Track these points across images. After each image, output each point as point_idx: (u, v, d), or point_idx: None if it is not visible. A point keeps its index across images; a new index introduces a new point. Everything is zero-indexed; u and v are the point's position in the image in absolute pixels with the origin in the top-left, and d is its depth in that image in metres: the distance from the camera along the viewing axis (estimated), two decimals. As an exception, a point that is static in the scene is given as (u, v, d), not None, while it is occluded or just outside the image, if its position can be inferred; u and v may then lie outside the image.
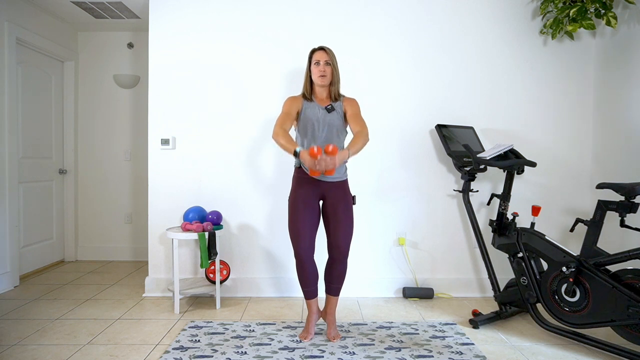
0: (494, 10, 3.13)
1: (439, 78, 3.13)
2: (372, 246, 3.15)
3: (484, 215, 3.16)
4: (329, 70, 2.29)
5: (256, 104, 3.10)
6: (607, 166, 3.00)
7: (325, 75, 2.28)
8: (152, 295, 3.11)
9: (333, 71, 2.31)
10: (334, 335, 2.34)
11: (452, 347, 2.25)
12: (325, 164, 2.02)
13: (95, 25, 4.02)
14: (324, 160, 2.02)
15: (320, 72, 2.28)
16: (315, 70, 2.30)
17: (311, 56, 2.34)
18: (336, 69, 2.32)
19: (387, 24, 3.11)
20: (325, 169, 2.05)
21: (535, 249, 2.43)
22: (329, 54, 2.30)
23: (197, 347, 2.22)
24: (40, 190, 3.79)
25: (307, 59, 2.37)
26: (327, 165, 2.04)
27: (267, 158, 3.11)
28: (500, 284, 2.96)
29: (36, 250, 3.73)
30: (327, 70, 2.29)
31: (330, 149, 2.03)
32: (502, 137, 3.14)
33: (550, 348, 2.27)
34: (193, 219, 2.89)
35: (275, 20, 3.10)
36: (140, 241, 4.24)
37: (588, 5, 2.74)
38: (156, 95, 3.11)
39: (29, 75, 3.62)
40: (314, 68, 2.30)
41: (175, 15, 3.09)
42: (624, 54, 2.87)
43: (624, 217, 2.15)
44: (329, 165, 2.04)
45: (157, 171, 3.11)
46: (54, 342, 2.29)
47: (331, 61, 2.29)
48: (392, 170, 3.13)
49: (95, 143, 4.23)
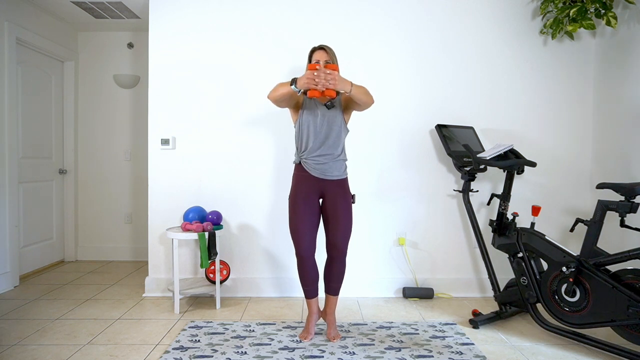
0: (494, 10, 3.13)
1: (439, 78, 3.13)
2: (372, 246, 3.15)
3: (484, 215, 3.16)
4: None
5: (256, 103, 3.10)
6: (607, 166, 3.00)
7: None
8: (152, 295, 3.11)
9: None
10: (334, 335, 2.34)
11: (452, 347, 2.25)
12: (325, 76, 2.01)
13: (95, 25, 4.02)
14: (322, 71, 2.01)
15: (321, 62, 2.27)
16: None
17: (311, 55, 2.33)
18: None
19: (387, 24, 3.11)
20: (325, 83, 2.02)
21: (535, 249, 2.42)
22: (328, 53, 2.29)
23: (197, 347, 2.22)
24: (40, 190, 3.79)
25: (307, 59, 2.37)
26: (326, 78, 2.01)
27: (267, 158, 3.11)
28: (500, 284, 2.96)
29: (36, 250, 3.73)
30: None
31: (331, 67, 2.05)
32: (502, 137, 3.14)
33: (550, 348, 2.27)
34: (193, 219, 2.89)
35: (275, 20, 3.10)
36: (140, 241, 4.24)
37: (588, 5, 2.74)
38: (156, 95, 3.11)
39: (29, 75, 3.62)
40: None
41: (175, 15, 3.09)
42: (624, 54, 2.87)
43: (624, 217, 2.15)
44: (328, 78, 2.01)
45: (157, 171, 3.11)
46: (54, 342, 2.29)
47: (331, 60, 2.28)
48: (392, 170, 3.13)
49: (95, 143, 4.23)
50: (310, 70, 2.09)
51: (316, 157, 2.27)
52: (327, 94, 2.08)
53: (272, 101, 2.25)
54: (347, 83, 2.11)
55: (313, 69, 2.08)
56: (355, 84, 2.15)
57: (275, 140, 3.10)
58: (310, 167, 2.28)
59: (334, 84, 2.05)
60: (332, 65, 2.13)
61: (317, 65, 2.09)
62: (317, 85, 2.05)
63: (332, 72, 2.05)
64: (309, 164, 2.29)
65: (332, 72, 2.05)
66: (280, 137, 3.09)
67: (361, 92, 2.17)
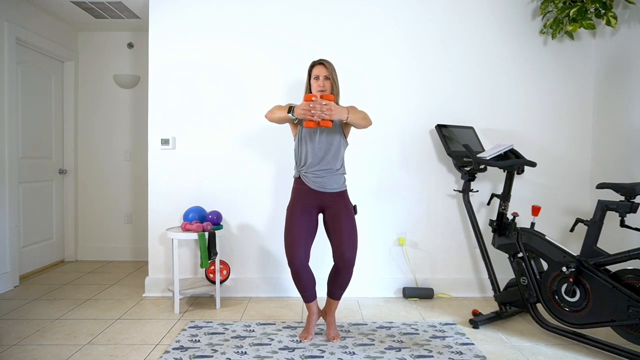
0: (494, 10, 3.13)
1: (439, 78, 3.13)
2: (372, 246, 3.14)
3: (484, 215, 3.16)
4: (329, 85, 2.28)
5: (256, 103, 3.10)
6: (607, 166, 3.00)
7: (324, 90, 2.27)
8: (152, 295, 3.11)
9: (332, 85, 2.29)
10: (334, 336, 2.34)
11: (452, 347, 2.25)
12: (321, 107, 2.03)
13: (95, 25, 4.02)
14: (318, 102, 2.03)
15: (320, 87, 2.27)
16: (315, 85, 2.29)
17: (310, 70, 2.33)
18: (336, 83, 2.31)
19: (388, 24, 3.11)
20: (320, 114, 2.04)
21: (535, 249, 2.42)
22: (328, 68, 2.28)
23: (197, 347, 2.22)
24: (40, 190, 3.79)
25: (308, 63, 2.37)
26: (322, 109, 2.03)
27: (268, 158, 3.11)
28: (500, 284, 2.96)
29: (36, 250, 3.73)
30: (326, 85, 2.27)
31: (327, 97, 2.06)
32: (502, 137, 3.14)
33: (550, 348, 2.27)
34: (193, 219, 2.89)
35: (275, 19, 3.10)
36: (140, 241, 4.24)
37: (588, 5, 2.74)
38: (156, 95, 3.11)
39: (29, 75, 3.62)
40: (314, 83, 2.30)
41: (175, 15, 3.09)
42: (624, 54, 2.86)
43: (624, 217, 2.14)
44: (324, 109, 2.03)
45: (157, 171, 3.11)
46: (54, 342, 2.29)
47: (330, 75, 2.28)
48: (392, 170, 3.13)
49: (95, 143, 4.23)
50: (306, 101, 2.10)
51: (315, 172, 2.28)
52: (323, 124, 2.10)
53: (269, 121, 2.32)
54: (343, 111, 2.13)
55: (309, 100, 2.09)
56: (352, 110, 2.17)
57: (275, 140, 3.10)
58: (309, 181, 2.28)
59: (329, 115, 2.08)
60: (327, 96, 2.12)
61: (313, 97, 2.10)
62: (314, 117, 2.08)
63: (328, 103, 2.06)
64: (308, 178, 2.29)
65: (328, 103, 2.06)
66: (280, 137, 3.09)
67: (358, 117, 2.20)
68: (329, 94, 2.13)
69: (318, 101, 2.06)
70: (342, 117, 2.13)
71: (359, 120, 2.21)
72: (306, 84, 2.36)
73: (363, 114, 2.23)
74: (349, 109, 2.19)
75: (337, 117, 2.12)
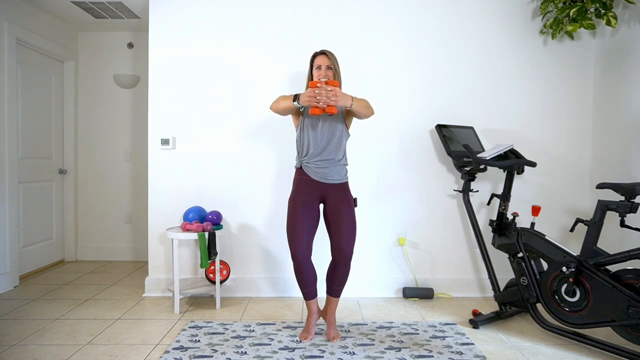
0: (494, 10, 3.13)
1: (439, 78, 3.13)
2: (372, 246, 3.14)
3: (484, 215, 3.16)
4: (331, 74, 2.29)
5: (256, 103, 3.10)
6: (607, 166, 3.00)
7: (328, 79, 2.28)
8: (152, 295, 3.11)
9: (335, 75, 2.30)
10: (334, 335, 2.34)
11: (452, 347, 2.25)
12: (326, 93, 2.04)
13: (95, 25, 4.02)
14: (324, 89, 2.03)
15: (322, 77, 2.28)
16: (317, 75, 2.29)
17: (313, 60, 2.33)
18: (338, 73, 2.31)
19: (388, 24, 3.11)
20: (326, 100, 2.05)
21: (535, 249, 2.42)
22: (330, 58, 2.29)
23: (197, 347, 2.22)
24: (40, 190, 3.79)
25: (308, 60, 2.37)
26: (327, 95, 2.04)
27: (268, 158, 3.11)
28: (500, 284, 2.96)
29: (36, 250, 3.73)
30: (328, 75, 2.28)
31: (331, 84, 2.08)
32: (502, 137, 3.14)
33: (550, 348, 2.27)
34: (193, 219, 2.89)
35: (276, 18, 3.10)
36: (140, 241, 4.24)
37: (588, 5, 2.74)
38: (156, 95, 3.11)
39: (28, 75, 3.62)
40: (316, 73, 2.30)
41: (175, 15, 3.09)
42: (624, 54, 2.86)
43: (624, 217, 2.15)
44: (329, 94, 2.04)
45: (157, 171, 3.11)
46: (54, 342, 2.29)
47: (333, 65, 2.28)
48: (392, 170, 3.13)
49: (95, 143, 4.23)
50: (311, 88, 2.11)
51: (317, 162, 2.28)
52: (328, 110, 2.12)
53: (274, 112, 2.31)
54: (348, 98, 2.14)
55: (314, 86, 2.10)
56: (356, 98, 2.18)
57: (276, 140, 3.10)
58: (311, 171, 2.29)
59: (335, 101, 2.09)
60: (333, 82, 2.14)
61: (318, 83, 2.11)
62: (319, 103, 2.09)
63: (333, 89, 2.08)
64: (310, 168, 2.29)
65: (334, 89, 2.08)
66: (281, 137, 3.09)
67: (362, 105, 2.21)
68: (334, 81, 2.15)
69: (323, 87, 2.07)
70: (347, 103, 2.15)
71: (363, 109, 2.22)
72: (308, 75, 2.37)
73: (366, 102, 2.24)
74: (353, 97, 2.20)
75: (342, 103, 2.13)
